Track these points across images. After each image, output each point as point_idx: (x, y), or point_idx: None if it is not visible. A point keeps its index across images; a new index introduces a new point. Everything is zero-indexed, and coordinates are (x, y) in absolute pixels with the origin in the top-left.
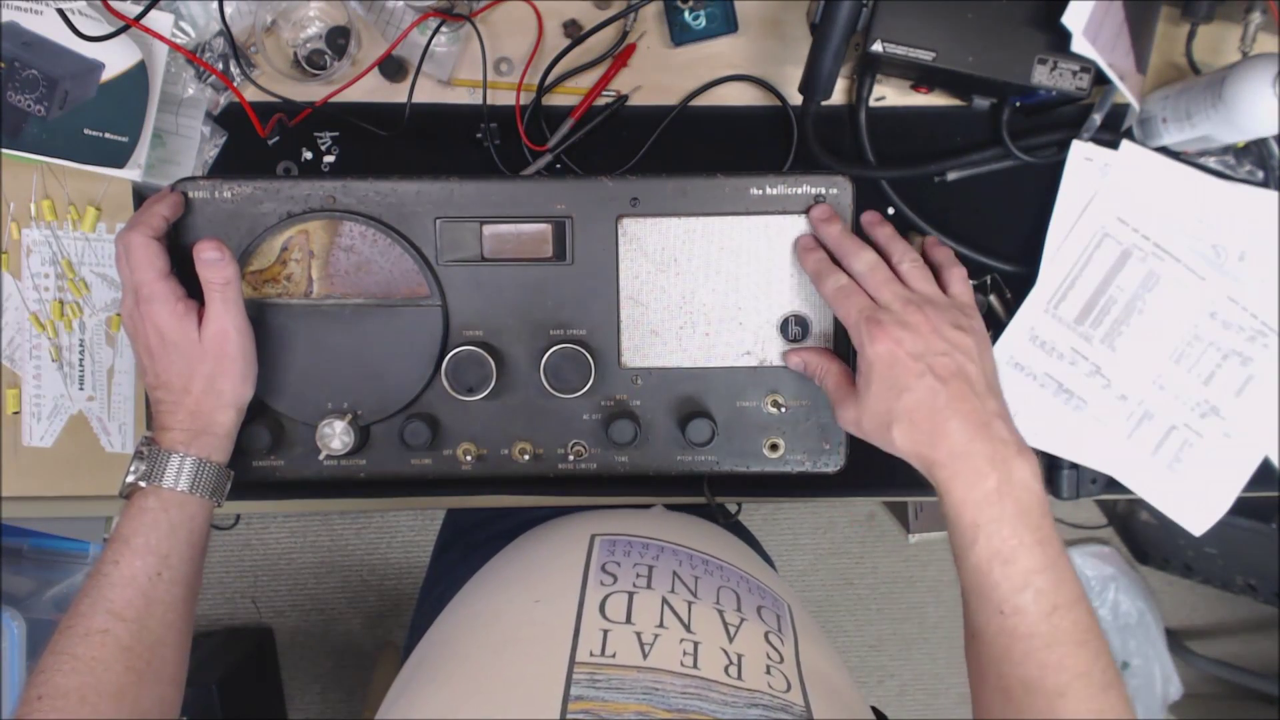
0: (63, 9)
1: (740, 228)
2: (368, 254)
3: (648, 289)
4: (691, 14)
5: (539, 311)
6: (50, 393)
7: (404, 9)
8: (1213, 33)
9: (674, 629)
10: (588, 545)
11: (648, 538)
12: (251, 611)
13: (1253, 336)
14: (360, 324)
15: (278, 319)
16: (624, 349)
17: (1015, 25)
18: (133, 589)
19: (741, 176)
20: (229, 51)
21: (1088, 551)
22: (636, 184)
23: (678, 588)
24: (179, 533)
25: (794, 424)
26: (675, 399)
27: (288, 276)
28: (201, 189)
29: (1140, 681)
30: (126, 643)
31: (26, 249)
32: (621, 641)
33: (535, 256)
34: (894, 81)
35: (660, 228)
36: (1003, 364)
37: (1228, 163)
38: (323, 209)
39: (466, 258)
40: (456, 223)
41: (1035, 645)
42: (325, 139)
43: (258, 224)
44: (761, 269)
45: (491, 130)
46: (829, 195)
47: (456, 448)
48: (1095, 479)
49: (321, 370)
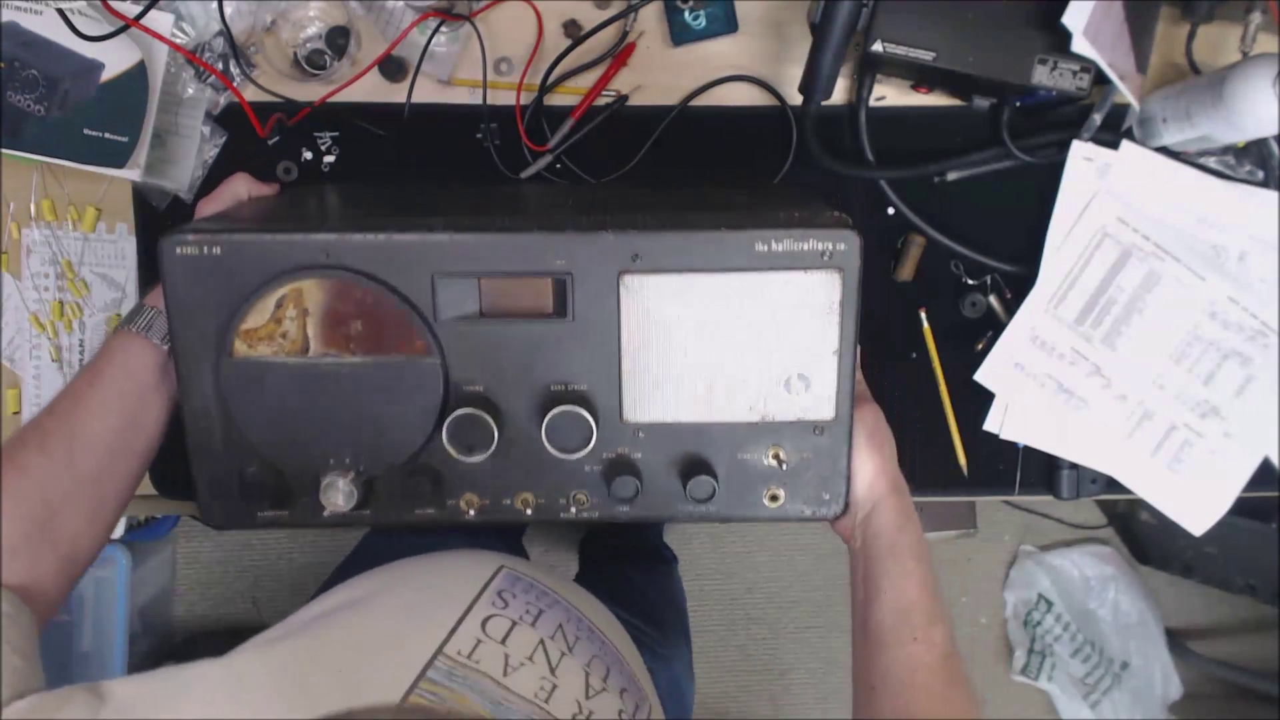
0: (63, 9)
1: (744, 284)
2: (364, 310)
3: (650, 345)
4: (691, 14)
5: (540, 366)
6: (50, 393)
7: (404, 9)
8: (1213, 33)
9: (540, 666)
10: (493, 570)
11: (548, 588)
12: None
13: (1253, 336)
14: (359, 381)
15: (275, 376)
16: (626, 404)
17: (1015, 25)
18: (66, 393)
19: (746, 231)
20: (229, 51)
21: (1088, 551)
22: (638, 239)
23: (557, 638)
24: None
25: (795, 475)
26: (677, 453)
27: (283, 334)
28: (189, 245)
29: (1140, 681)
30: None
31: (26, 249)
32: (489, 654)
33: (535, 312)
34: (894, 81)
35: (662, 284)
36: (1003, 364)
37: (1228, 163)
38: (315, 266)
39: (465, 314)
40: (454, 279)
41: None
42: (325, 139)
43: (248, 281)
44: (766, 325)
45: (491, 130)
46: (836, 251)
47: (459, 498)
48: (1095, 479)
49: (322, 425)
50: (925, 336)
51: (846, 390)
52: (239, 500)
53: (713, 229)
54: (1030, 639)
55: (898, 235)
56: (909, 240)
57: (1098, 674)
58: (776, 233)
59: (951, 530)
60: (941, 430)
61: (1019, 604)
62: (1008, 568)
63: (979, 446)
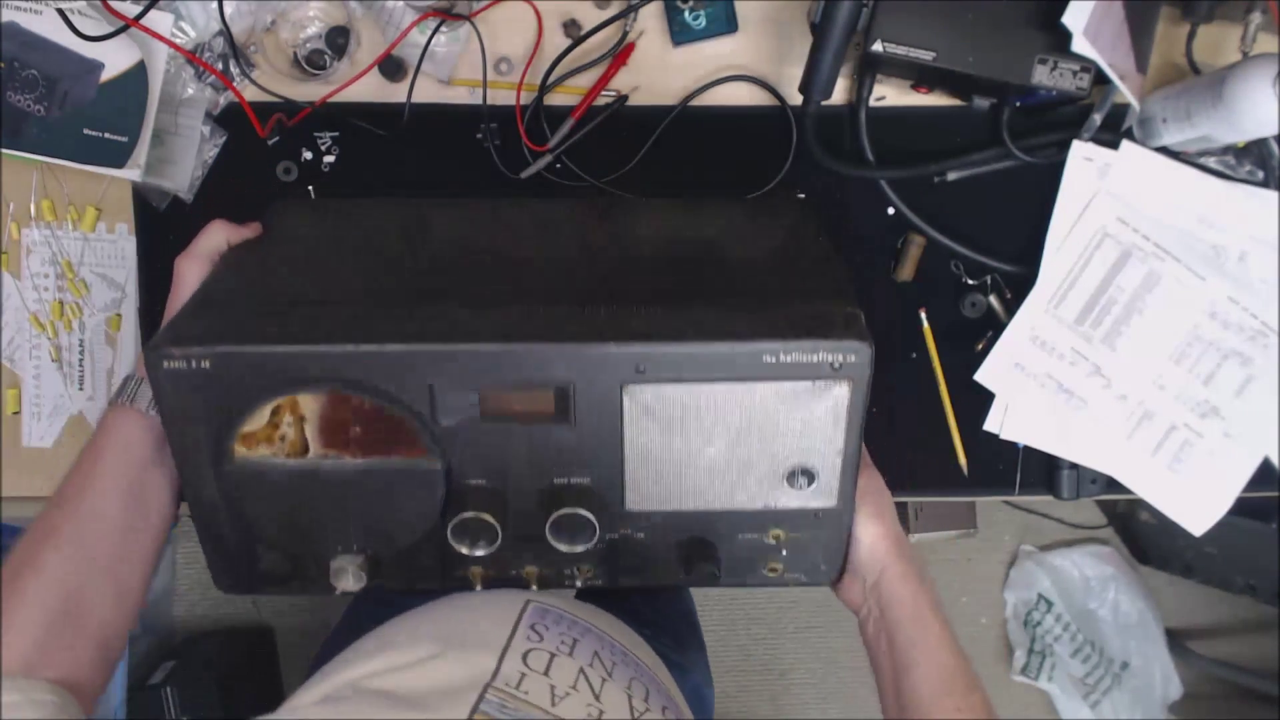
0: (63, 9)
1: (751, 391)
2: (362, 415)
3: (654, 446)
4: (691, 14)
5: (542, 463)
6: (50, 393)
7: (404, 9)
8: (1213, 33)
9: (585, 694)
10: (520, 606)
11: (578, 617)
12: (251, 611)
13: (1253, 336)
14: (361, 481)
15: (277, 477)
16: (628, 495)
17: (1015, 25)
18: (70, 481)
19: (754, 342)
20: (229, 51)
21: (1088, 551)
22: (642, 350)
23: (595, 665)
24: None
25: (794, 551)
26: (680, 536)
27: (281, 437)
28: (176, 359)
29: (1140, 681)
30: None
31: (26, 249)
32: (536, 686)
33: (537, 416)
34: (894, 81)
35: (667, 394)
36: (1003, 364)
37: (1228, 163)
38: (309, 381)
39: (465, 419)
40: (453, 388)
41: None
42: (325, 139)
43: (241, 394)
44: (770, 427)
45: (491, 130)
46: (846, 363)
47: (468, 570)
48: (1095, 479)
49: (327, 518)
50: (925, 336)
51: (850, 481)
52: (248, 575)
53: (719, 339)
54: (1030, 639)
55: (898, 235)
56: (909, 240)
57: (1098, 674)
58: (786, 345)
59: (951, 530)
60: (941, 430)
61: (1019, 604)
62: (1008, 568)
63: (979, 446)
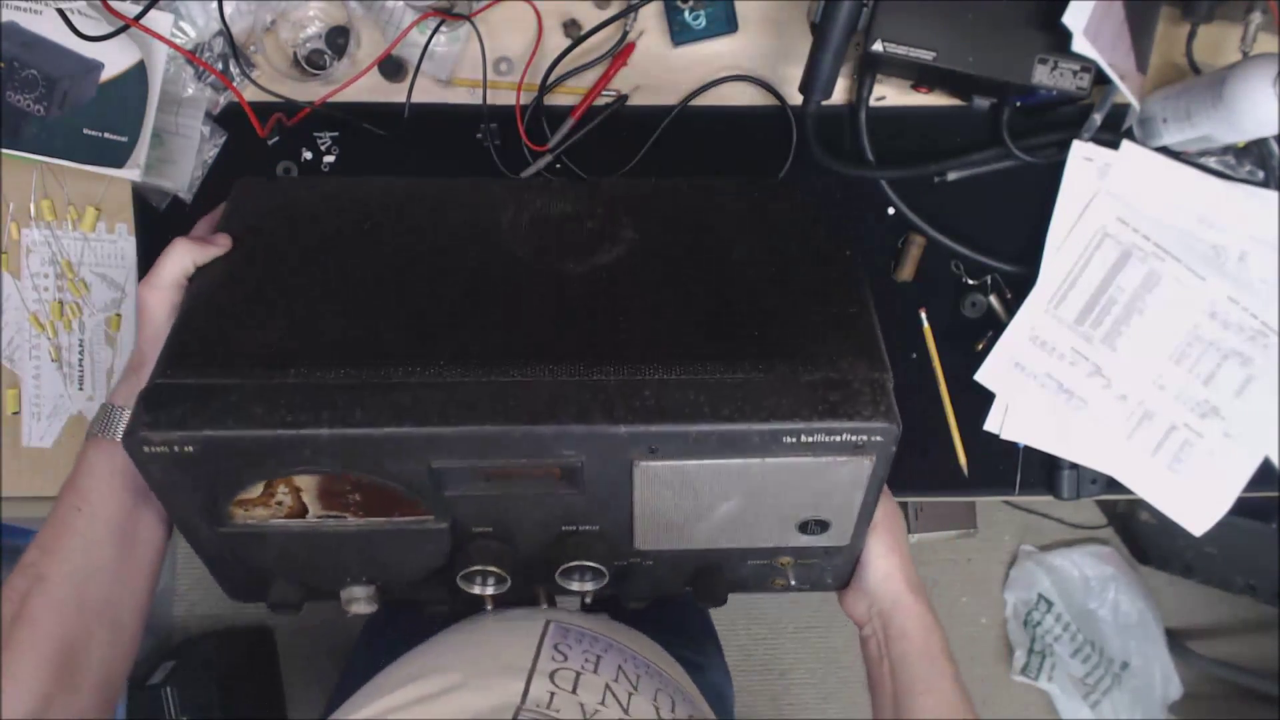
0: (63, 9)
1: (768, 466)
2: (360, 487)
3: (665, 510)
4: (691, 14)
5: (550, 516)
6: (50, 393)
7: (404, 9)
8: (1213, 33)
9: (614, 709)
10: (541, 626)
11: (598, 633)
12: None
13: (1253, 336)
14: (364, 538)
15: (277, 535)
16: (638, 539)
17: (1015, 25)
18: (54, 523)
19: (773, 423)
20: (229, 51)
21: (1088, 551)
22: (654, 432)
23: (621, 680)
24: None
25: (801, 570)
26: (688, 567)
27: (279, 502)
28: (157, 445)
29: (1140, 681)
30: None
31: (26, 249)
32: (566, 704)
33: (544, 482)
34: (894, 81)
35: (681, 470)
36: (1003, 364)
37: (1228, 163)
38: (300, 467)
39: (469, 492)
40: (454, 465)
41: None
42: (325, 139)
43: (230, 475)
44: (787, 491)
45: (491, 130)
46: (871, 443)
47: (478, 594)
48: (1095, 479)
49: (333, 564)
50: (925, 336)
51: (864, 523)
52: (259, 592)
53: (736, 420)
54: (1030, 639)
55: (898, 235)
56: (909, 240)
57: (1098, 674)
58: (807, 425)
59: (951, 530)
60: (941, 430)
61: (1019, 604)
62: (1008, 568)
63: (979, 446)
